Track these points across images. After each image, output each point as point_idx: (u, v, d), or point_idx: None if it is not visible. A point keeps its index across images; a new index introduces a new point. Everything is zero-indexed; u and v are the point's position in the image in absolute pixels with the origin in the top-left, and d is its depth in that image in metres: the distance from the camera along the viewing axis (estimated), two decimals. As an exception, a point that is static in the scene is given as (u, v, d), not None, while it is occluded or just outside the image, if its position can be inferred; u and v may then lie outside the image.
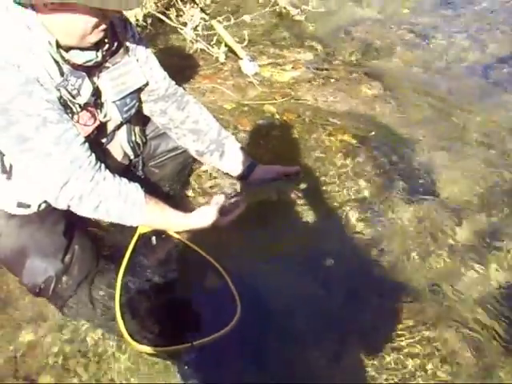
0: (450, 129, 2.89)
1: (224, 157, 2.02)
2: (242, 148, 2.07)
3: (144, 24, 3.42)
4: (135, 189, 1.67)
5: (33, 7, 1.50)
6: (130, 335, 1.67)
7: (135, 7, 1.55)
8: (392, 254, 2.13)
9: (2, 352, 1.76)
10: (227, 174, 2.14)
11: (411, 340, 1.84)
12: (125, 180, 1.67)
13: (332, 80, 3.25)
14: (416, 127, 2.89)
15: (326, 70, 3.35)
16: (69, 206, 1.60)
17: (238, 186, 2.18)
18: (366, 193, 2.39)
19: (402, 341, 1.84)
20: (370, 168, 2.53)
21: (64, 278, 1.72)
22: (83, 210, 1.61)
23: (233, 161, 2.03)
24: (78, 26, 1.49)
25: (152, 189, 1.80)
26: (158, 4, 3.63)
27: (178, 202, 2.11)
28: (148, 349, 1.68)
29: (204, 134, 2.00)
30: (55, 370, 1.72)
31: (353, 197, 2.38)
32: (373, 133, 2.79)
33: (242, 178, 2.06)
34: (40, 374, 1.71)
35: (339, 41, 3.74)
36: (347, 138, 2.72)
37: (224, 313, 1.76)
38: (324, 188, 2.42)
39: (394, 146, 2.73)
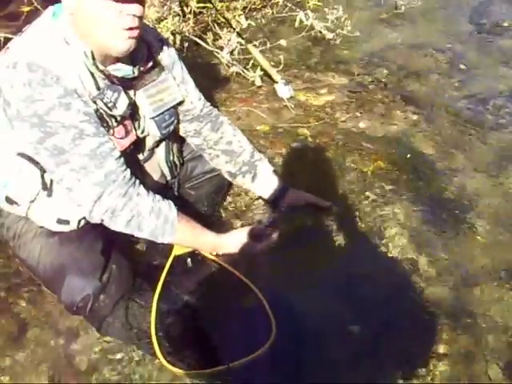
0: (486, 155, 2.85)
1: (256, 179, 2.04)
2: (274, 171, 2.09)
3: (181, 47, 3.47)
4: (168, 206, 1.70)
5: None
6: (165, 357, 1.67)
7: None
8: (428, 281, 2.10)
9: (37, 370, 1.77)
10: (261, 197, 2.16)
11: (445, 368, 1.81)
12: (158, 197, 1.70)
13: (366, 104, 3.25)
14: (451, 152, 2.86)
15: (361, 93, 3.36)
16: (102, 220, 1.64)
17: (272, 212, 2.19)
18: (401, 218, 2.37)
19: (436, 368, 1.81)
20: (405, 193, 2.51)
21: (101, 297, 1.73)
22: (116, 225, 1.64)
23: (265, 183, 2.05)
24: (100, 26, 1.51)
25: (187, 210, 1.83)
26: (195, 28, 3.71)
27: (212, 223, 2.12)
28: (183, 371, 1.68)
29: (237, 155, 2.02)
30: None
31: (387, 222, 2.36)
32: (407, 157, 2.77)
33: (273, 201, 2.07)
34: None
35: (374, 65, 3.73)
36: (381, 162, 2.71)
37: (259, 335, 1.75)
38: (358, 213, 2.41)
39: (429, 171, 2.71)
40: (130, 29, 1.54)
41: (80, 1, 1.50)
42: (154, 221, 1.66)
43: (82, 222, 1.77)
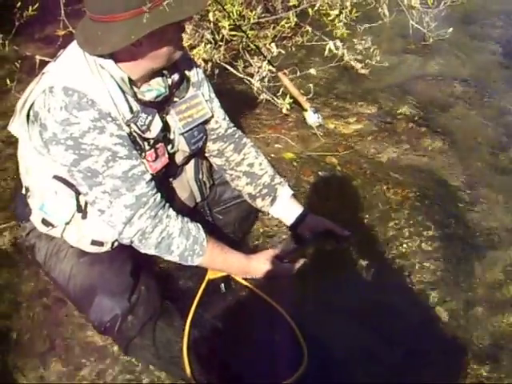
0: (512, 187, 2.84)
1: (275, 202, 2.04)
2: (294, 195, 2.09)
3: (211, 73, 3.52)
4: (197, 228, 1.72)
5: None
6: (195, 379, 1.68)
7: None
8: (455, 311, 2.09)
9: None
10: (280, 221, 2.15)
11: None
12: (187, 219, 1.72)
13: (394, 134, 3.26)
14: (479, 185, 2.85)
15: (389, 123, 3.37)
16: (132, 242, 1.66)
17: (292, 237, 2.19)
18: (426, 249, 2.37)
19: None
20: (431, 224, 2.50)
21: (129, 318, 1.74)
22: (146, 247, 1.67)
23: (284, 207, 2.05)
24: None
25: (215, 234, 1.84)
26: (226, 55, 3.76)
27: (241, 248, 2.13)
28: None
29: (258, 177, 2.03)
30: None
31: (413, 252, 2.35)
32: (434, 188, 2.77)
33: (292, 226, 2.07)
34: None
35: (402, 95, 3.75)
36: (408, 192, 2.71)
37: (290, 362, 1.75)
38: (383, 241, 2.41)
39: (456, 203, 2.71)
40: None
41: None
42: (183, 242, 1.68)
43: (116, 244, 1.80)
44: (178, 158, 1.91)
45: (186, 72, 1.85)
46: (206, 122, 1.93)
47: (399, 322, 2.03)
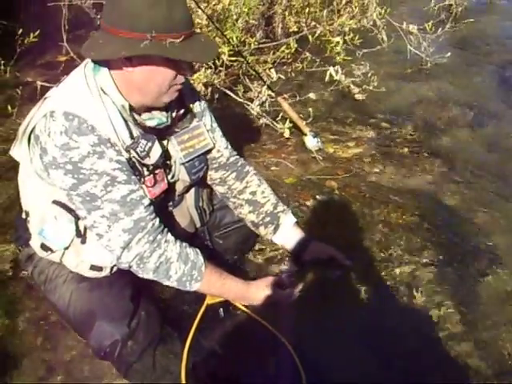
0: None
1: (278, 230, 2.04)
2: (297, 223, 2.09)
3: (211, 98, 3.56)
4: (196, 253, 1.72)
5: (108, 67, 1.60)
6: None
7: (210, 60, 1.61)
8: (456, 335, 2.08)
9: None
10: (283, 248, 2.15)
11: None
12: (185, 244, 1.73)
13: (393, 157, 3.29)
14: (479, 209, 2.85)
15: (388, 147, 3.39)
16: (130, 267, 1.66)
17: (294, 264, 2.19)
18: (426, 273, 2.36)
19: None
20: (430, 248, 2.50)
21: (129, 343, 1.73)
22: (144, 272, 1.67)
23: (287, 235, 2.05)
24: (156, 83, 1.58)
25: (216, 259, 1.84)
26: (226, 80, 3.80)
27: (240, 273, 2.13)
28: None
29: (260, 205, 2.04)
30: None
31: (412, 276, 2.35)
32: (434, 212, 2.77)
33: (295, 253, 2.07)
34: None
35: (400, 119, 3.79)
36: (408, 216, 2.71)
37: None
38: (382, 265, 2.40)
39: (456, 227, 2.70)
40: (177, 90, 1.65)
41: (146, 66, 1.55)
42: (181, 267, 1.68)
43: (115, 269, 1.79)
44: (179, 187, 1.92)
45: (190, 103, 1.87)
46: (208, 152, 1.95)
47: (399, 347, 2.01)
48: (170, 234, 1.71)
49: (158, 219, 1.68)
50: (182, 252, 1.69)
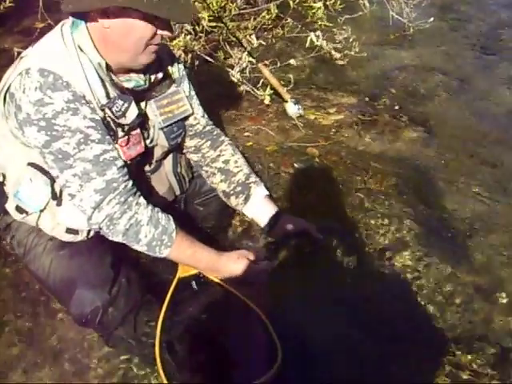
0: (492, 177, 2.87)
1: (249, 201, 2.03)
2: (269, 196, 2.07)
3: (192, 65, 3.52)
4: (167, 218, 1.72)
5: (86, 24, 1.58)
6: (169, 379, 1.66)
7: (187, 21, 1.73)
8: (436, 301, 2.11)
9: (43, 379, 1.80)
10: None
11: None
12: (158, 209, 1.72)
13: (375, 124, 3.28)
14: (458, 173, 2.88)
15: (369, 113, 3.38)
16: (100, 228, 1.66)
17: (270, 237, 2.18)
18: (408, 237, 2.38)
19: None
20: (411, 213, 2.53)
21: (110, 310, 1.74)
22: (113, 234, 1.66)
23: (257, 207, 2.04)
24: (132, 39, 1.56)
25: (195, 226, 1.84)
26: (207, 46, 3.75)
27: (215, 244, 2.09)
28: None
29: (232, 175, 2.03)
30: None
31: (393, 241, 2.37)
32: (414, 178, 2.79)
33: (267, 226, 2.05)
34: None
35: (382, 85, 3.77)
36: (388, 182, 2.72)
37: (264, 360, 1.73)
38: (364, 231, 2.42)
39: (436, 192, 2.73)
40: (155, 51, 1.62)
41: (123, 20, 1.53)
42: (152, 231, 1.67)
43: (92, 233, 1.79)
44: (157, 153, 1.91)
45: (169, 68, 1.85)
46: (186, 118, 1.94)
47: (380, 313, 2.03)
48: (142, 197, 1.70)
49: (130, 182, 1.68)
50: (152, 216, 1.68)
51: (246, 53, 3.39)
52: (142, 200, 1.69)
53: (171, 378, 1.67)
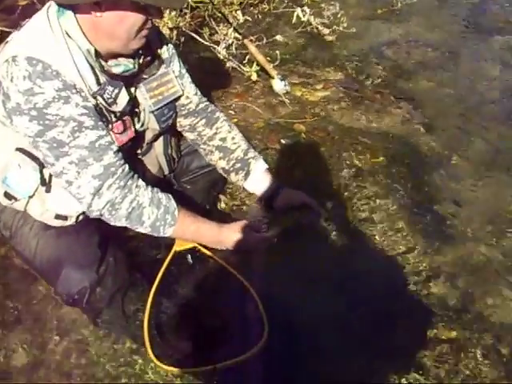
0: (480, 152, 2.89)
1: (249, 177, 2.02)
2: (268, 170, 2.07)
3: (177, 42, 3.48)
4: (168, 198, 1.71)
5: (74, 12, 1.54)
6: (156, 354, 1.67)
7: (182, 5, 1.72)
8: (422, 277, 2.13)
9: (29, 358, 1.80)
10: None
11: (438, 364, 1.83)
12: (157, 189, 1.71)
13: (362, 100, 3.28)
14: (445, 148, 2.89)
15: (356, 89, 3.37)
16: (101, 215, 1.64)
17: (266, 210, 2.18)
18: (396, 213, 2.40)
19: (429, 365, 1.83)
20: (398, 189, 2.54)
21: (98, 289, 1.74)
22: (116, 219, 1.65)
23: (257, 182, 2.03)
24: (124, 28, 1.53)
25: (184, 204, 1.83)
26: (192, 23, 3.71)
27: (210, 218, 2.12)
28: (172, 369, 1.68)
29: (230, 152, 2.02)
30: (80, 379, 1.75)
31: (381, 217, 2.38)
32: (402, 153, 2.80)
33: (267, 200, 2.05)
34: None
35: (369, 61, 3.76)
36: (376, 157, 2.73)
37: (252, 335, 1.74)
38: (353, 208, 2.43)
39: (424, 168, 2.74)
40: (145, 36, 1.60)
41: (114, 13, 1.50)
42: (154, 211, 1.67)
43: (81, 218, 1.78)
44: (148, 136, 1.89)
45: (158, 49, 1.82)
46: (177, 99, 1.91)
47: (369, 288, 2.04)
48: (140, 179, 1.69)
49: (127, 165, 1.66)
50: (153, 197, 1.68)
51: (232, 29, 3.36)
52: (140, 182, 1.68)
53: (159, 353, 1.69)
